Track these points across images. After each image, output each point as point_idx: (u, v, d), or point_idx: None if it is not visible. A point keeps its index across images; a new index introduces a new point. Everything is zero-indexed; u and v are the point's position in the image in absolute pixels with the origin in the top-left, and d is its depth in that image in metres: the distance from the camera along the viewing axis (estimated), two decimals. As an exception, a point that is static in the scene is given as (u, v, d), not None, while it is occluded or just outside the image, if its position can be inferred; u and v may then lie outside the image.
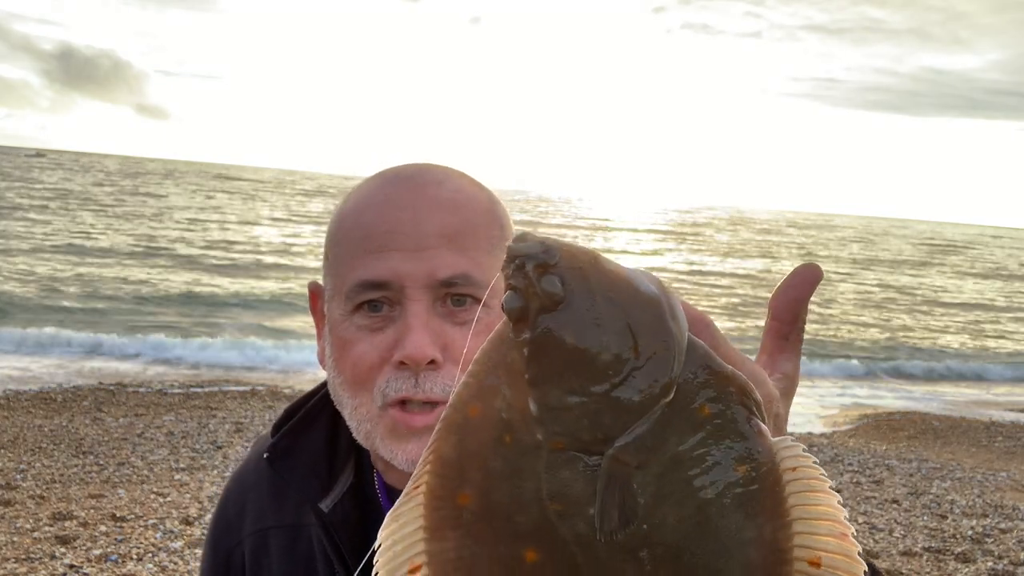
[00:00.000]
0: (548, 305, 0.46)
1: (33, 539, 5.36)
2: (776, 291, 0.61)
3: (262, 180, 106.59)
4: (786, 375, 0.61)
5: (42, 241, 23.79)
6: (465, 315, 0.91)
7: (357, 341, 0.91)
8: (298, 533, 1.04)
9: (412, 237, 0.89)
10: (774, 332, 0.62)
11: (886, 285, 31.77)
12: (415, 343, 0.87)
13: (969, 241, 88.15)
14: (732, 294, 24.83)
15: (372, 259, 0.90)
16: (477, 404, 0.49)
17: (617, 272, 0.48)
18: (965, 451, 9.42)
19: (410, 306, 0.89)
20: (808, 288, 0.60)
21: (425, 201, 0.91)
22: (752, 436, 0.48)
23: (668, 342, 0.47)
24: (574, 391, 0.46)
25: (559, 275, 0.46)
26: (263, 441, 1.11)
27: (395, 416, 0.90)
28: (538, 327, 0.46)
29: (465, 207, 0.93)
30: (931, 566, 5.96)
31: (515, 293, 0.46)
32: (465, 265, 0.90)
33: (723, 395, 0.48)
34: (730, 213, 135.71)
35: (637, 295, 0.47)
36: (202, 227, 32.31)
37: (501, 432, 0.49)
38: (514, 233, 0.47)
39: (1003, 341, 19.82)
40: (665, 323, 0.47)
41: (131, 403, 8.91)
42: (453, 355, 0.90)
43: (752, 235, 64.18)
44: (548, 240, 0.47)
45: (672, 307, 0.48)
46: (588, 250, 0.48)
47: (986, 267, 47.45)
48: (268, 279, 20.24)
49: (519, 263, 0.46)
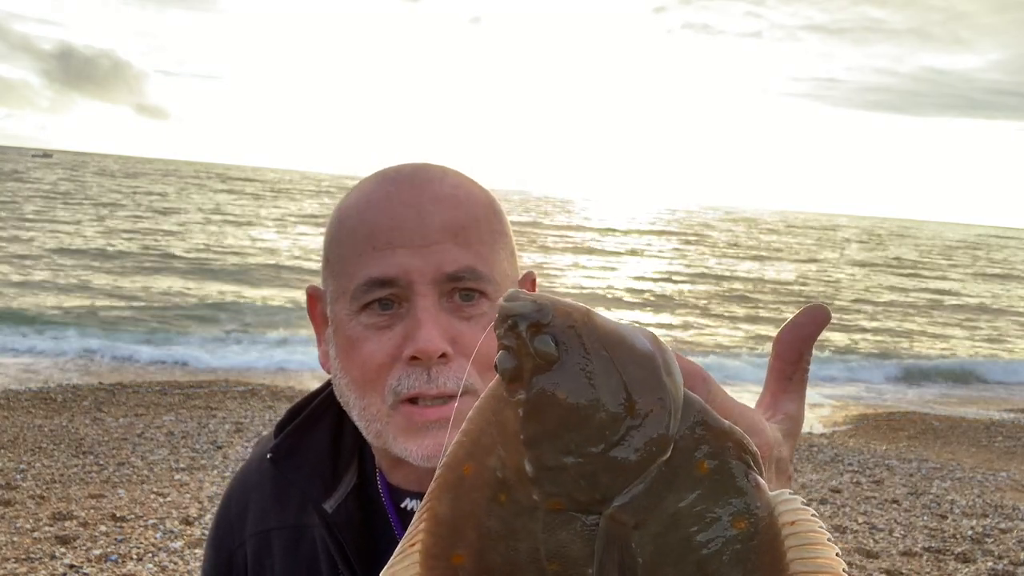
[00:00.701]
0: (542, 365, 0.45)
1: (33, 539, 5.36)
2: (781, 331, 0.61)
3: (263, 180, 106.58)
4: (789, 416, 0.60)
5: (45, 243, 23.80)
6: (472, 310, 0.91)
7: (365, 340, 0.91)
8: (301, 534, 1.04)
9: (417, 233, 0.90)
10: (778, 372, 0.61)
11: (890, 286, 31.77)
12: (426, 337, 0.87)
13: (973, 243, 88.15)
14: (745, 297, 24.82)
15: (378, 256, 0.90)
16: (471, 463, 0.49)
17: (611, 329, 0.47)
18: (965, 451, 9.42)
19: (419, 301, 0.89)
20: (815, 329, 0.60)
21: (428, 197, 0.92)
22: (750, 491, 0.48)
23: (664, 399, 0.46)
24: (570, 451, 0.46)
25: (552, 334, 0.46)
26: (266, 441, 1.11)
27: (407, 412, 0.90)
28: (533, 387, 0.46)
29: (466, 202, 0.94)
30: (931, 566, 5.96)
31: (508, 353, 0.46)
32: (471, 259, 0.91)
33: (720, 451, 0.48)
34: (728, 214, 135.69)
35: (632, 352, 0.47)
36: (201, 228, 32.31)
37: (496, 492, 0.48)
38: (506, 293, 0.47)
39: (1006, 343, 19.81)
40: (660, 379, 0.46)
41: (131, 403, 8.91)
42: (462, 348, 0.90)
43: (761, 235, 64.18)
44: (540, 299, 0.47)
45: (667, 362, 0.47)
46: (581, 307, 0.48)
47: (996, 269, 47.43)
48: (271, 279, 20.24)
49: (511, 323, 0.46)
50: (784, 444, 0.59)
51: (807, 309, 0.61)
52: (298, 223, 39.68)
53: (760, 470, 0.48)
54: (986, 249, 75.21)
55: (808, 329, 0.60)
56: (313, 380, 10.50)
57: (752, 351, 15.58)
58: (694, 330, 17.97)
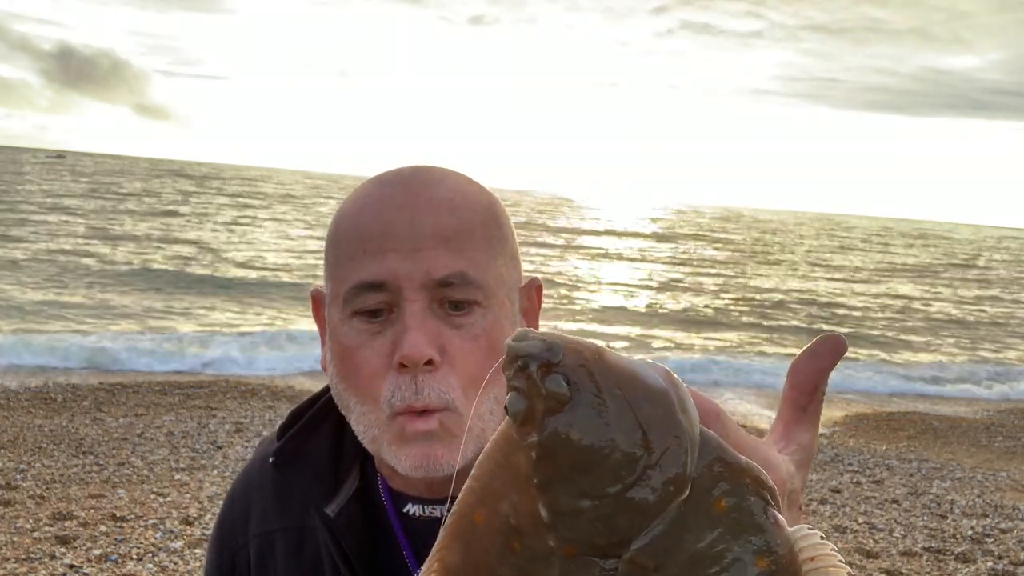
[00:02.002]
0: (554, 406, 0.44)
1: (33, 539, 5.36)
2: (797, 361, 0.60)
3: (264, 180, 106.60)
4: (802, 446, 0.60)
5: (48, 243, 23.80)
6: (462, 319, 0.90)
7: (358, 347, 0.91)
8: (304, 536, 1.04)
9: (408, 237, 0.89)
10: (792, 402, 0.60)
11: (889, 284, 31.78)
12: (412, 343, 0.87)
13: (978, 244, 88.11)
14: (758, 296, 24.84)
15: (368, 260, 0.90)
16: (482, 510, 0.48)
17: (624, 366, 0.46)
18: (965, 451, 9.42)
19: (407, 307, 0.89)
20: (831, 360, 0.59)
21: (421, 201, 0.91)
22: (770, 528, 0.46)
23: (680, 436, 0.45)
24: (586, 494, 0.44)
25: (563, 374, 0.44)
26: (268, 443, 1.11)
27: (402, 422, 0.90)
28: (545, 429, 0.44)
29: (462, 207, 0.92)
30: (931, 566, 5.96)
31: (518, 395, 0.44)
32: (462, 264, 0.89)
33: (738, 488, 0.47)
34: (728, 212, 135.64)
35: (645, 389, 0.45)
36: (200, 227, 32.31)
37: (509, 538, 0.47)
38: (515, 333, 0.46)
39: (1008, 346, 19.82)
40: (676, 417, 0.45)
41: (131, 403, 8.91)
42: (450, 358, 0.89)
43: (768, 235, 64.16)
44: (550, 337, 0.46)
45: (682, 399, 0.46)
46: (592, 345, 0.46)
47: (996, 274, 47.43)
48: (274, 280, 20.24)
49: (521, 363, 0.45)
50: (796, 476, 0.58)
51: (824, 339, 0.59)
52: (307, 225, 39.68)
53: (778, 506, 0.47)
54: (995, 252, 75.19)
55: (825, 360, 0.59)
56: (312, 379, 10.51)
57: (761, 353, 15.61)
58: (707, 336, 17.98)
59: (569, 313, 18.99)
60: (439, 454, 0.89)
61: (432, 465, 0.89)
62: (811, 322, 20.32)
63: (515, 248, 0.99)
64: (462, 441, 0.90)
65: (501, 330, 0.92)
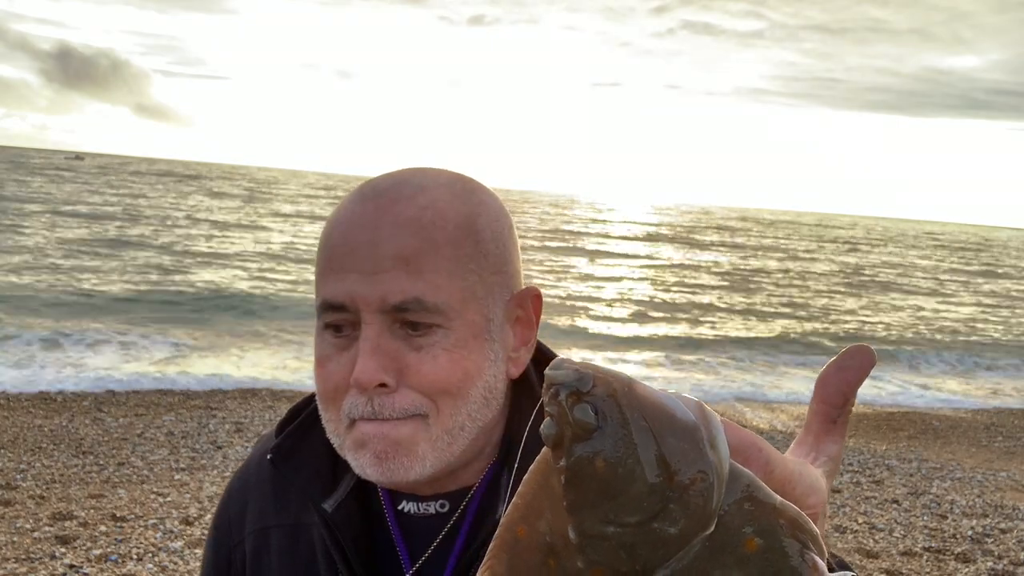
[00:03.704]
0: (581, 434, 0.45)
1: (33, 539, 5.36)
2: (826, 373, 0.59)
3: (265, 180, 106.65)
4: (831, 458, 0.60)
5: (52, 241, 23.81)
6: (422, 340, 0.90)
7: (327, 359, 0.94)
8: (300, 532, 1.04)
9: (368, 259, 0.90)
10: (822, 415, 0.60)
11: (888, 283, 31.78)
12: (362, 368, 0.89)
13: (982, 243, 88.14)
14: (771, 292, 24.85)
15: (332, 280, 0.92)
16: (524, 525, 0.50)
17: (652, 399, 0.47)
18: (965, 451, 9.43)
19: (364, 330, 0.90)
20: (861, 374, 0.59)
21: (388, 220, 0.91)
22: (806, 571, 0.46)
23: (706, 472, 0.45)
24: (609, 521, 0.46)
25: (592, 403, 0.46)
26: (266, 440, 1.11)
27: (359, 428, 0.92)
28: (572, 455, 0.46)
29: (429, 226, 0.91)
30: (931, 566, 5.96)
31: (552, 421, 0.46)
32: (419, 289, 0.89)
33: (771, 528, 0.47)
34: (728, 211, 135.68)
35: (673, 422, 0.46)
36: (199, 227, 32.32)
37: (545, 556, 0.49)
38: (552, 362, 0.48)
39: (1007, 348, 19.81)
40: (702, 451, 0.46)
41: (131, 403, 8.92)
42: (407, 380, 0.90)
43: (788, 239, 64.19)
44: (583, 367, 0.47)
45: (712, 434, 0.47)
46: (623, 376, 0.47)
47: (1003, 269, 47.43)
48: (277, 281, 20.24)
49: (554, 391, 0.46)
50: (824, 482, 0.58)
51: (852, 351, 0.59)
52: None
53: (820, 550, 0.47)
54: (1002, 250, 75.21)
55: (854, 374, 0.59)
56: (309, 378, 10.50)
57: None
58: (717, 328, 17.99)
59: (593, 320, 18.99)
60: (404, 463, 0.90)
61: (394, 474, 0.91)
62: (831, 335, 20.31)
63: (504, 260, 0.97)
64: (421, 451, 0.91)
65: (467, 348, 0.92)
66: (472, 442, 0.94)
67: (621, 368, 0.49)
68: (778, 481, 0.51)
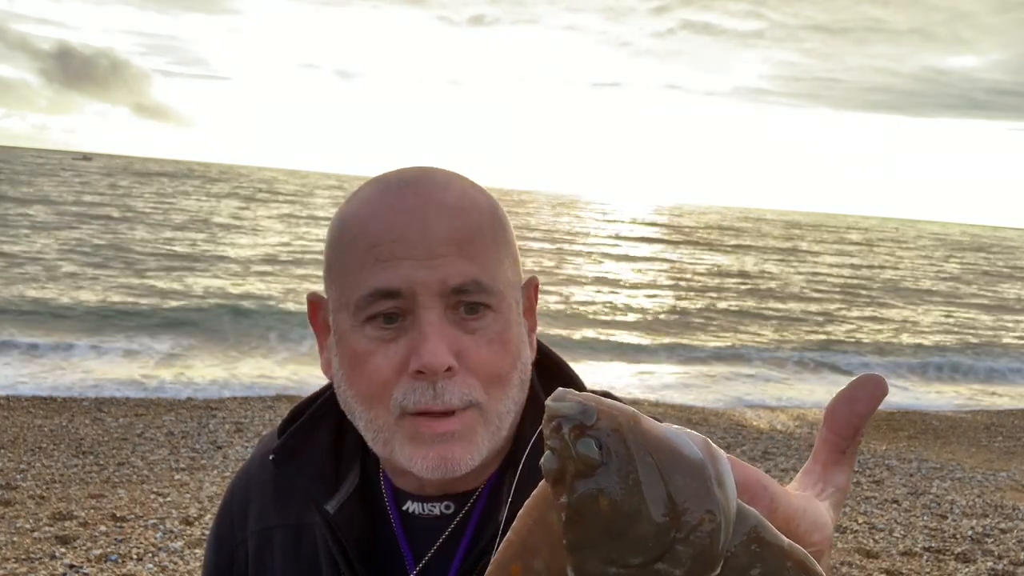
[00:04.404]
0: (584, 470, 0.44)
1: (33, 539, 5.36)
2: (835, 402, 0.58)
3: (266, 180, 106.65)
4: (839, 488, 0.59)
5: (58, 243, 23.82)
6: (476, 323, 0.90)
7: (370, 354, 0.90)
8: (302, 533, 1.04)
9: (422, 244, 0.88)
10: (831, 446, 0.59)
11: (887, 282, 31.80)
12: (431, 351, 0.87)
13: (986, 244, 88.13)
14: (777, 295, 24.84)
15: (382, 268, 0.89)
16: (519, 564, 0.49)
17: (659, 435, 0.45)
18: (965, 451, 9.43)
19: (423, 315, 0.88)
20: (872, 404, 0.57)
21: (432, 207, 0.90)
22: None
23: (713, 511, 0.44)
24: (613, 561, 0.44)
25: (596, 438, 0.44)
26: (268, 440, 1.11)
27: (414, 423, 0.89)
28: (574, 493, 0.44)
29: (471, 211, 0.92)
30: (931, 566, 5.96)
31: (553, 455, 0.45)
32: (475, 271, 0.89)
33: (778, 570, 0.46)
34: (728, 210, 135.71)
35: (679, 460, 0.45)
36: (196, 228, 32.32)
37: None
38: (554, 393, 0.46)
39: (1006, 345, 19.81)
40: (710, 490, 0.44)
41: (131, 403, 8.92)
42: (467, 363, 0.89)
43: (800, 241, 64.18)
44: (587, 400, 0.45)
45: (719, 472, 0.45)
46: (629, 410, 0.46)
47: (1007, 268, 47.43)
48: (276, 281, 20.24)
49: (556, 424, 0.45)
50: (831, 513, 0.57)
51: (863, 380, 0.58)
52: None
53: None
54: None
55: (864, 405, 0.57)
56: (312, 378, 10.51)
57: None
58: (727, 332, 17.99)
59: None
60: (457, 455, 0.89)
61: (450, 467, 0.89)
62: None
63: (516, 249, 0.99)
64: (480, 437, 0.90)
65: (511, 331, 0.93)
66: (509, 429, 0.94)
67: (621, 366, 0.48)
68: (782, 519, 0.50)
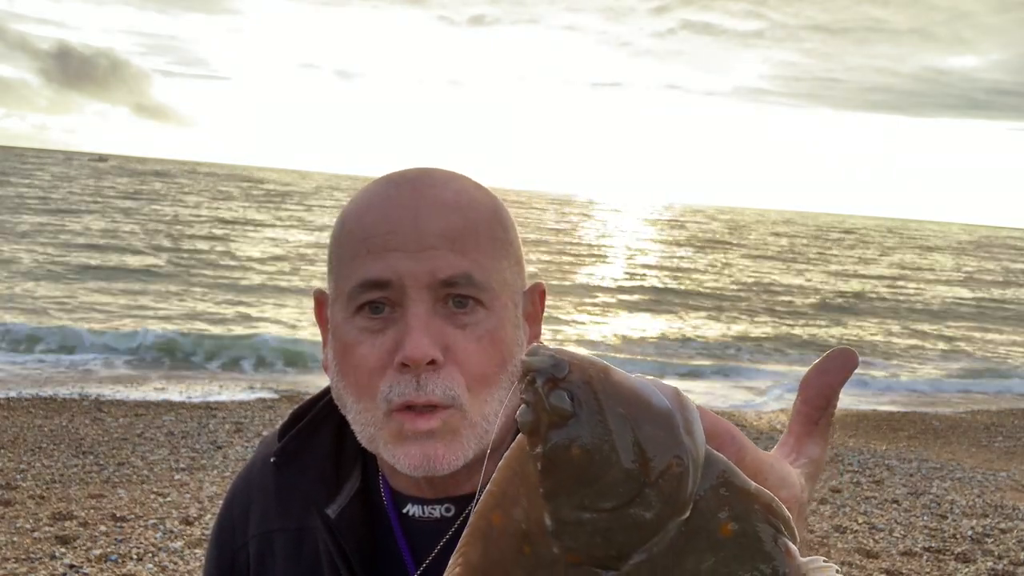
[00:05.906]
0: (557, 421, 0.45)
1: (33, 539, 5.36)
2: (808, 375, 0.60)
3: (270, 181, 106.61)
4: (812, 459, 0.60)
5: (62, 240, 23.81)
6: (466, 317, 0.90)
7: (358, 344, 0.91)
8: (303, 536, 1.04)
9: (413, 237, 0.89)
10: (804, 417, 0.61)
11: (887, 280, 31.80)
12: (414, 343, 0.87)
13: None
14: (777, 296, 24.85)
15: (372, 259, 0.89)
16: (499, 512, 0.50)
17: (629, 385, 0.47)
18: (965, 451, 9.42)
19: (411, 307, 0.88)
20: (844, 375, 0.59)
21: (427, 202, 0.91)
22: (779, 556, 0.47)
23: (681, 457, 0.46)
24: (585, 507, 0.46)
25: (568, 390, 0.46)
26: (269, 443, 1.11)
27: (399, 419, 0.89)
28: (548, 443, 0.46)
29: (467, 208, 0.92)
30: (931, 566, 5.96)
31: (527, 407, 0.46)
32: (466, 266, 0.89)
33: (746, 513, 0.47)
34: (725, 210, 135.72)
35: (649, 409, 0.46)
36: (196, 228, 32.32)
37: (521, 543, 0.49)
38: (528, 348, 0.48)
39: (1005, 344, 19.81)
40: (678, 437, 0.46)
41: (131, 403, 8.92)
42: (454, 357, 0.89)
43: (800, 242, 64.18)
44: (559, 353, 0.47)
45: (687, 420, 0.47)
46: (599, 363, 0.47)
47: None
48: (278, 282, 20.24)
49: (530, 378, 0.46)
50: (806, 488, 0.58)
51: (835, 353, 0.60)
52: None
53: (792, 534, 0.47)
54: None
55: (836, 375, 0.59)
56: (313, 376, 10.51)
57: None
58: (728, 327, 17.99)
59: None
60: (440, 453, 0.89)
61: (432, 464, 0.89)
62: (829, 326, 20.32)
63: (519, 252, 0.99)
64: (464, 439, 0.89)
65: (504, 332, 0.92)
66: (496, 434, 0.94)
67: (620, 366, 0.49)
68: (750, 469, 0.51)
